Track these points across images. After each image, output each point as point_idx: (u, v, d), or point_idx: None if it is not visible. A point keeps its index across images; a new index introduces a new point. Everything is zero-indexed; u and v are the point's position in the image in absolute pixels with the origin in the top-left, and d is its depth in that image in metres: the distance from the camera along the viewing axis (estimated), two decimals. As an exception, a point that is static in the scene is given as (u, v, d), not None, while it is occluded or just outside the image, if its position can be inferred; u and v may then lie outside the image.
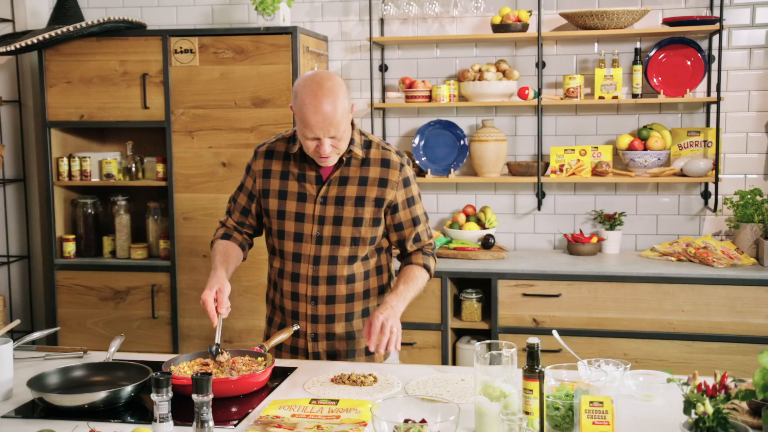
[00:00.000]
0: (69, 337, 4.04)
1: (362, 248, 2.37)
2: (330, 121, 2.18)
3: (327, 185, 2.34)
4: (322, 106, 2.16)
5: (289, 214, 2.37)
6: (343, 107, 2.20)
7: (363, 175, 2.35)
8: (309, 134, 2.21)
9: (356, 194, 2.34)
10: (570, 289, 3.61)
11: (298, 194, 2.36)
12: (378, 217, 2.36)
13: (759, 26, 3.89)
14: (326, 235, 2.35)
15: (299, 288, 2.39)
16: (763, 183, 3.94)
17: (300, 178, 2.37)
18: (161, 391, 1.73)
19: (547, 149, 4.07)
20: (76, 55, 3.95)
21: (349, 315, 2.41)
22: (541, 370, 1.73)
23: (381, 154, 2.37)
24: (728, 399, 1.57)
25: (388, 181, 2.35)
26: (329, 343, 2.41)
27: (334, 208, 2.34)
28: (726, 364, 3.42)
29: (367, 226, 2.35)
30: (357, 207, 2.34)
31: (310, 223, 2.35)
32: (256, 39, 3.80)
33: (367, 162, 2.35)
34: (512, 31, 3.91)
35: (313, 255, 2.36)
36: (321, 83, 2.19)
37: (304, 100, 2.18)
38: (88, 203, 4.16)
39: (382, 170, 2.35)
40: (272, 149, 2.42)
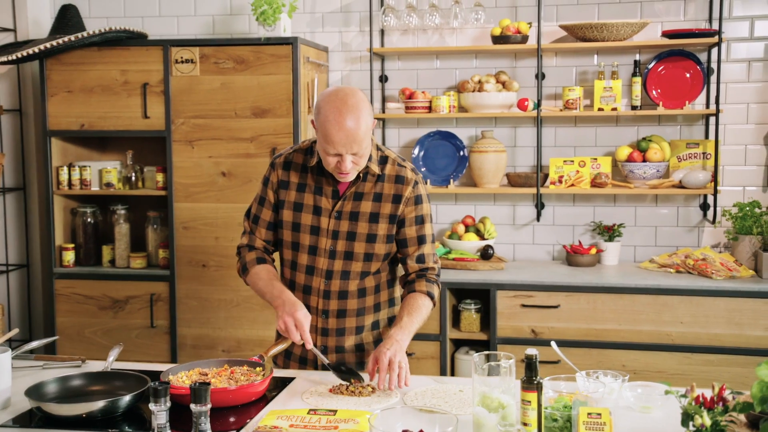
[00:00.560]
0: (67, 346, 4.03)
1: (375, 264, 2.37)
2: (353, 138, 2.16)
3: (342, 200, 2.33)
4: (345, 122, 2.15)
5: (304, 227, 2.36)
6: (366, 124, 2.19)
7: (378, 191, 2.34)
8: (331, 150, 2.19)
9: (371, 210, 2.33)
10: (569, 301, 3.61)
11: (313, 207, 2.35)
12: (391, 234, 2.35)
13: (758, 39, 3.90)
14: (339, 250, 2.34)
15: (310, 301, 2.38)
16: (761, 195, 3.95)
17: (317, 191, 2.35)
18: (159, 400, 1.73)
19: (547, 160, 4.08)
20: (78, 65, 3.97)
21: (359, 328, 2.40)
22: (540, 382, 1.73)
23: (396, 170, 2.35)
24: (726, 411, 1.57)
25: (402, 198, 2.33)
26: (339, 356, 2.40)
27: (348, 224, 2.33)
28: (724, 376, 3.42)
29: (381, 242, 2.34)
30: (371, 223, 2.33)
31: (324, 237, 2.34)
32: (256, 49, 3.81)
33: (382, 178, 2.34)
34: (512, 43, 3.93)
35: (325, 269, 2.35)
36: (345, 99, 2.18)
37: (328, 116, 2.17)
38: (87, 212, 4.16)
39: (396, 186, 2.34)
40: (290, 160, 2.40)
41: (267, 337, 3.86)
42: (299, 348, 2.43)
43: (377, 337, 2.43)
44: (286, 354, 2.48)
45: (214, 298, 3.94)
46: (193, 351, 3.95)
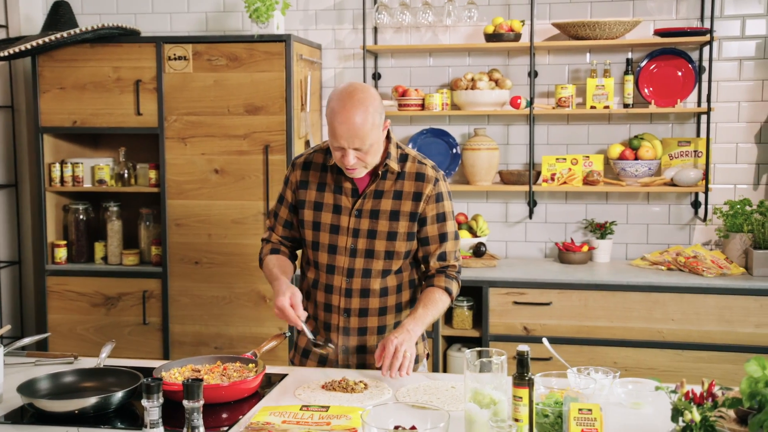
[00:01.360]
0: (59, 343, 4.03)
1: (396, 262, 2.36)
2: (355, 133, 2.17)
3: (362, 198, 2.33)
4: (349, 116, 2.16)
5: (324, 226, 2.36)
6: (373, 121, 2.18)
7: (398, 189, 2.33)
8: (334, 143, 2.22)
9: (391, 208, 2.33)
10: (561, 298, 3.63)
11: (333, 206, 2.36)
12: (412, 231, 2.35)
13: (749, 38, 3.92)
14: (360, 248, 2.34)
15: (332, 300, 2.38)
16: (752, 193, 3.97)
17: (336, 190, 2.36)
18: (152, 397, 1.74)
19: (539, 158, 4.09)
20: (70, 61, 3.96)
21: (381, 328, 2.40)
22: (531, 378, 1.74)
23: (416, 168, 2.35)
24: (715, 407, 1.58)
25: (422, 195, 2.33)
26: (360, 357, 2.40)
27: (368, 222, 2.33)
28: (715, 372, 3.44)
29: (402, 240, 2.34)
30: (391, 221, 2.33)
31: (345, 235, 2.34)
32: (249, 46, 3.81)
33: (402, 176, 2.34)
34: (505, 41, 3.94)
35: (346, 267, 2.35)
36: (353, 94, 2.19)
37: (334, 109, 2.19)
38: (80, 209, 4.16)
39: (417, 184, 2.33)
40: (310, 160, 2.41)
41: (260, 333, 3.86)
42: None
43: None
44: (303, 352, 2.47)
45: (206, 295, 3.94)
46: (186, 348, 3.95)
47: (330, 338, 2.40)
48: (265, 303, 3.89)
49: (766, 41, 3.91)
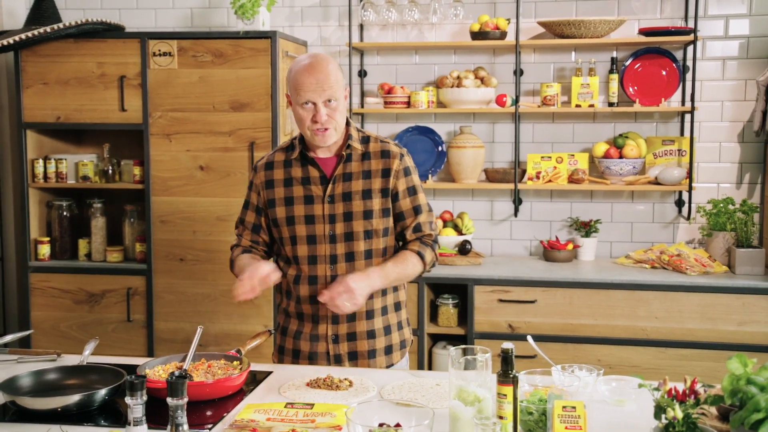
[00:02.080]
0: (42, 340, 4.00)
1: (376, 240, 2.37)
2: (324, 82, 2.22)
3: (332, 183, 2.35)
4: (317, 68, 2.23)
5: (299, 218, 2.36)
6: (338, 75, 2.27)
7: (366, 169, 2.36)
8: (304, 97, 2.24)
9: (362, 188, 2.35)
10: (545, 296, 3.64)
11: (304, 197, 2.36)
12: (386, 207, 2.37)
13: (732, 38, 3.95)
14: (339, 233, 2.35)
15: (318, 291, 2.34)
16: (735, 192, 4.00)
17: (304, 181, 2.37)
18: (135, 394, 1.73)
19: (524, 156, 4.10)
20: (53, 57, 3.93)
21: (369, 312, 2.39)
22: (515, 375, 1.74)
23: (380, 146, 2.39)
24: (697, 404, 1.59)
25: (390, 171, 2.36)
26: (350, 344, 2.39)
27: (342, 205, 2.34)
28: (697, 370, 3.46)
29: (378, 217, 2.36)
30: (365, 200, 2.35)
31: (321, 223, 2.35)
32: (235, 43, 3.80)
33: (367, 156, 2.37)
34: (490, 39, 3.95)
35: (329, 254, 2.35)
36: (315, 54, 2.29)
37: (298, 68, 2.25)
38: (63, 205, 4.13)
39: (384, 161, 2.37)
40: (271, 160, 2.43)
41: (244, 331, 3.85)
42: (307, 344, 2.40)
43: (386, 323, 2.41)
44: (293, 353, 2.44)
45: (191, 292, 3.93)
46: (170, 345, 3.94)
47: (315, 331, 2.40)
48: (249, 300, 3.86)
49: (749, 41, 3.94)
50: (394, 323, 2.44)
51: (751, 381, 1.49)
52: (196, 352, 2.22)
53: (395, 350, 2.43)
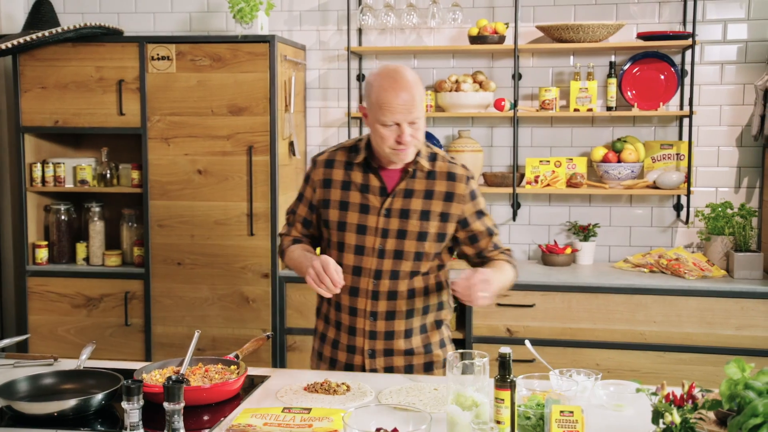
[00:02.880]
0: (40, 344, 3.99)
1: (425, 264, 2.30)
2: (411, 103, 2.14)
3: (392, 197, 2.26)
4: (402, 88, 2.14)
5: (351, 226, 2.28)
6: (421, 94, 2.18)
7: (429, 189, 2.27)
8: (390, 119, 2.15)
9: (421, 207, 2.26)
10: (544, 300, 3.64)
11: (360, 206, 2.28)
12: (443, 232, 2.28)
13: (730, 42, 3.95)
14: (389, 249, 2.27)
15: (358, 303, 2.30)
16: (733, 196, 4.00)
17: (363, 189, 2.29)
18: (132, 399, 1.72)
19: (523, 160, 4.10)
20: (52, 61, 3.93)
21: (408, 331, 2.33)
22: (513, 380, 1.74)
23: (447, 167, 2.30)
24: (695, 409, 1.59)
25: (455, 195, 2.28)
26: (387, 359, 2.33)
27: (398, 221, 2.26)
28: (696, 374, 3.46)
29: (432, 240, 2.28)
30: (422, 221, 2.26)
31: (373, 235, 2.27)
32: (233, 47, 3.80)
33: (432, 175, 2.28)
34: (489, 43, 3.95)
35: (374, 269, 2.28)
36: (398, 70, 2.18)
37: (383, 85, 2.16)
38: (61, 209, 4.13)
39: (449, 183, 2.29)
40: (332, 158, 2.35)
41: (242, 335, 3.85)
42: (344, 355, 2.35)
43: (425, 341, 2.36)
44: (330, 362, 2.39)
45: (189, 297, 3.92)
46: (168, 349, 3.93)
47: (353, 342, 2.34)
48: (248, 304, 3.87)
49: (747, 45, 3.94)
50: (435, 341, 2.38)
51: (749, 386, 1.48)
52: (194, 356, 2.21)
53: (437, 368, 2.37)
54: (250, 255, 3.85)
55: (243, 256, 3.86)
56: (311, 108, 4.30)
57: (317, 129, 4.31)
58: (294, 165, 4.10)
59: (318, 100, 4.30)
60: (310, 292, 3.82)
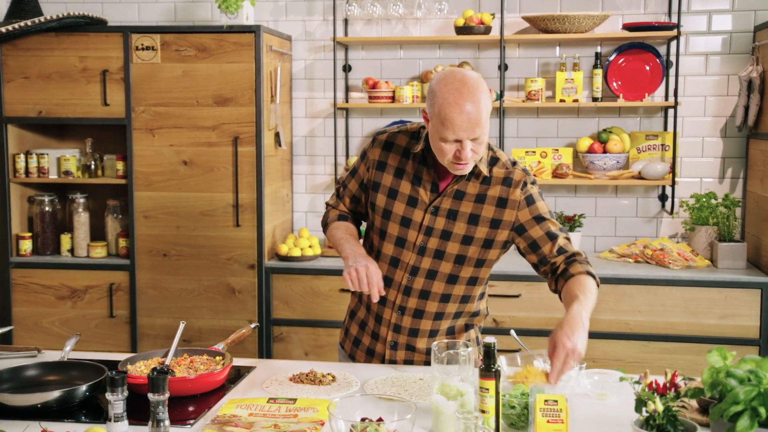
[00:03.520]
0: (24, 336, 3.97)
1: (466, 268, 2.20)
2: (476, 121, 1.98)
3: (442, 196, 2.16)
4: (467, 103, 1.97)
5: (395, 217, 2.20)
6: (487, 106, 2.02)
7: (481, 193, 2.16)
8: (451, 136, 2.00)
9: (471, 211, 2.16)
10: (530, 290, 3.65)
11: (409, 197, 2.19)
12: (491, 238, 2.17)
13: (715, 33, 3.97)
14: (430, 248, 2.18)
15: (389, 294, 2.23)
16: (718, 186, 4.03)
17: (415, 181, 2.18)
18: (116, 390, 1.72)
19: (509, 151, 4.10)
20: (34, 51, 3.89)
21: (433, 332, 2.26)
22: (498, 369, 1.75)
23: (505, 173, 2.17)
24: (678, 397, 1.60)
25: (508, 201, 2.15)
26: (408, 353, 2.28)
27: (444, 221, 2.16)
28: (680, 363, 3.49)
29: (477, 246, 2.17)
30: (470, 225, 2.16)
31: (416, 231, 2.18)
32: (219, 37, 3.78)
33: (488, 180, 2.16)
34: (475, 34, 3.94)
35: (412, 264, 2.20)
36: (464, 80, 2.00)
37: (447, 98, 1.98)
38: (45, 200, 4.10)
39: (503, 189, 2.16)
40: (392, 141, 2.23)
41: (228, 326, 3.84)
42: (368, 339, 2.32)
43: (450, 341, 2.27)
44: (354, 341, 2.35)
45: (174, 288, 3.91)
46: (154, 341, 3.92)
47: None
48: (234, 295, 3.86)
49: (732, 36, 3.96)
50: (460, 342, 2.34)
51: (731, 374, 1.49)
52: (179, 347, 2.21)
53: None
54: (236, 246, 3.85)
55: (229, 247, 3.85)
56: (297, 99, 4.29)
57: (303, 120, 4.30)
58: (280, 156, 4.09)
59: (304, 90, 4.28)
60: (297, 283, 3.82)
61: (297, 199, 4.35)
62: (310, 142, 4.31)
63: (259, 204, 3.80)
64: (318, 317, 3.81)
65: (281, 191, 4.14)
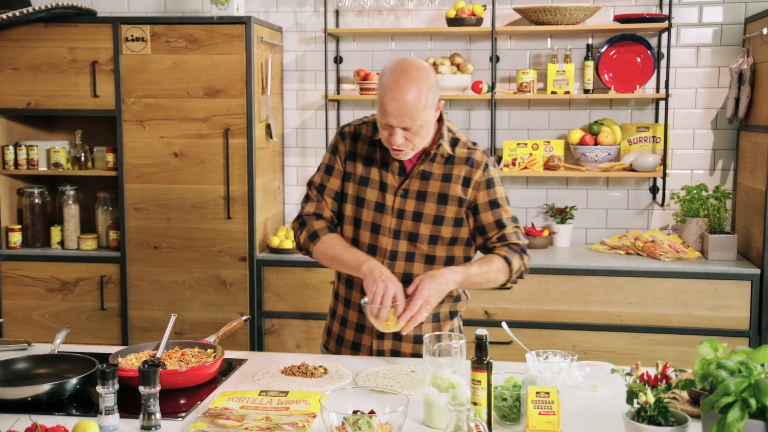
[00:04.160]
0: (14, 329, 3.95)
1: (441, 247, 2.25)
2: (406, 112, 2.06)
3: (409, 178, 2.23)
4: (401, 93, 2.05)
5: (369, 203, 2.25)
6: (426, 101, 2.07)
7: (447, 173, 2.23)
8: (383, 121, 2.11)
9: (439, 191, 2.22)
10: (521, 282, 3.62)
11: (380, 183, 2.25)
12: (460, 217, 2.24)
13: (706, 25, 3.97)
14: (404, 230, 2.23)
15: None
16: (708, 178, 4.04)
17: (383, 166, 2.25)
18: (107, 383, 1.72)
19: (501, 143, 4.10)
20: (23, 41, 3.86)
21: None
22: (490, 362, 1.75)
23: (467, 153, 2.24)
24: (669, 389, 1.61)
25: (471, 181, 2.23)
26: (395, 343, 2.29)
27: (414, 203, 2.23)
28: (671, 354, 3.50)
29: (448, 225, 2.23)
30: (439, 204, 2.22)
31: (389, 215, 2.24)
32: (209, 28, 3.75)
33: (452, 160, 2.23)
34: (466, 25, 3.94)
35: (390, 249, 2.24)
36: (407, 70, 2.08)
37: (386, 85, 2.08)
38: (35, 193, 4.07)
39: (466, 168, 2.23)
40: (359, 132, 2.30)
41: (219, 319, 3.84)
42: (352, 333, 2.33)
43: (436, 329, 2.31)
44: (337, 339, 2.36)
45: (165, 280, 3.90)
46: (145, 333, 3.91)
47: None
48: (225, 288, 3.86)
49: (723, 28, 3.96)
50: (445, 331, 2.33)
51: (722, 365, 1.50)
52: (170, 340, 2.20)
53: None
54: (227, 238, 3.83)
55: (220, 239, 3.84)
56: (288, 90, 4.27)
57: (294, 112, 4.29)
58: (271, 148, 4.07)
59: (295, 82, 4.27)
60: (288, 275, 3.81)
61: (288, 191, 4.34)
62: (301, 134, 4.30)
63: (251, 196, 3.79)
64: (310, 310, 3.81)
65: (272, 183, 4.12)
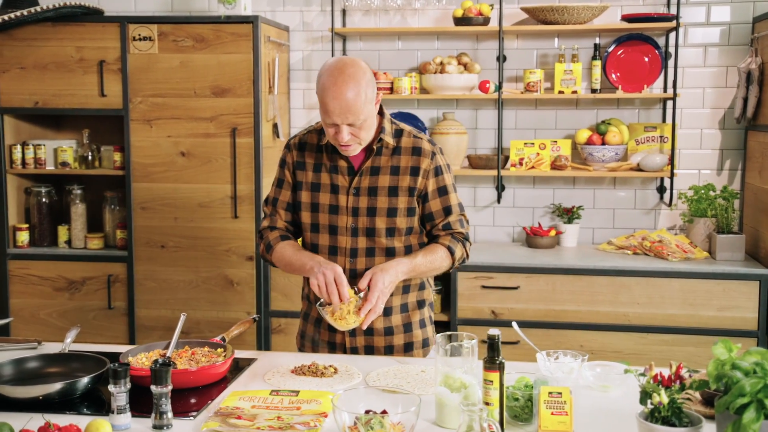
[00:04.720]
0: (22, 328, 3.96)
1: (398, 239, 2.31)
2: (348, 108, 2.13)
3: (359, 176, 2.28)
4: (341, 91, 2.12)
5: (323, 207, 2.31)
6: (365, 96, 2.15)
7: (395, 165, 2.29)
8: (327, 120, 2.16)
9: (389, 184, 2.28)
10: (528, 282, 3.65)
11: (331, 186, 2.31)
12: (412, 206, 2.30)
13: (714, 24, 3.96)
14: (361, 227, 2.29)
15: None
16: (716, 178, 4.03)
17: (332, 169, 2.31)
18: (119, 382, 1.72)
19: (507, 143, 4.10)
20: (31, 41, 3.86)
21: (387, 310, 2.32)
22: (502, 362, 1.74)
23: (413, 142, 2.31)
24: (683, 389, 1.60)
25: (420, 170, 2.29)
26: (367, 338, 2.33)
27: (367, 199, 2.28)
28: (678, 355, 3.49)
29: (402, 216, 2.29)
30: (390, 197, 2.28)
31: (344, 215, 2.29)
32: (216, 27, 3.75)
33: (398, 151, 2.30)
34: (474, 25, 3.93)
35: (349, 248, 2.30)
36: (343, 69, 2.15)
37: (325, 85, 2.15)
38: (42, 192, 4.08)
39: (414, 158, 2.29)
40: (305, 141, 2.36)
41: (227, 318, 3.84)
42: (326, 333, 2.36)
43: (405, 320, 2.35)
44: (312, 341, 2.40)
45: (173, 279, 3.90)
46: (152, 332, 3.91)
47: None
48: (232, 287, 3.86)
49: (731, 28, 3.95)
50: (415, 320, 2.38)
51: (736, 366, 1.49)
52: (179, 339, 2.20)
53: (416, 348, 2.37)
54: (234, 237, 3.84)
55: (227, 238, 3.84)
56: (295, 90, 4.27)
57: (301, 111, 4.28)
58: (278, 147, 4.07)
59: (302, 81, 4.27)
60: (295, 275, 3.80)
61: (295, 190, 4.33)
62: (308, 134, 4.29)
63: (257, 195, 3.79)
64: (316, 309, 3.80)
65: (279, 183, 4.12)
